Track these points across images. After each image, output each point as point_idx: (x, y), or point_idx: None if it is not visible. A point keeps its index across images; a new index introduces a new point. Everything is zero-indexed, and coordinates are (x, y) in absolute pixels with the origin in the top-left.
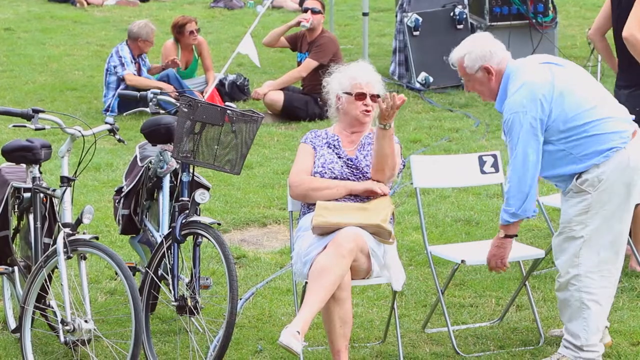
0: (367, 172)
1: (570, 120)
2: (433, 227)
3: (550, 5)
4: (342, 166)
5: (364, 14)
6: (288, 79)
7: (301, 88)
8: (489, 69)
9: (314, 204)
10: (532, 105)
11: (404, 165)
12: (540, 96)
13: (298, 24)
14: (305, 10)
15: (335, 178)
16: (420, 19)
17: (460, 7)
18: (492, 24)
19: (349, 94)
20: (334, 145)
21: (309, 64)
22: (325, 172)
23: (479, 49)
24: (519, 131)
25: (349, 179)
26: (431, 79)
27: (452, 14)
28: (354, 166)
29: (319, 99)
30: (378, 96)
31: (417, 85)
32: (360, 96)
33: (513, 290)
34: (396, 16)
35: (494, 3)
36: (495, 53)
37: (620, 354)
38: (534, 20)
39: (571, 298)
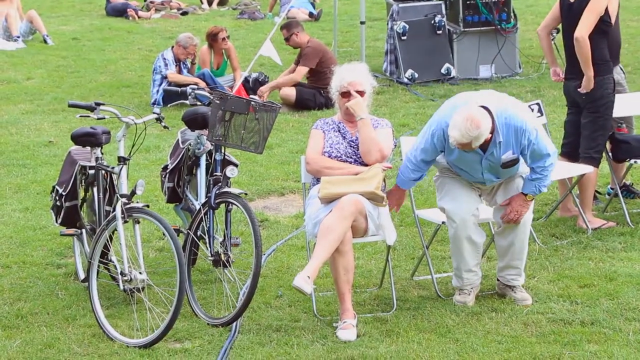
0: None
1: None
2: (419, 195)
3: (512, 14)
4: (346, 147)
5: (362, 23)
6: (283, 81)
7: (308, 83)
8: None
9: None
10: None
11: (395, 145)
12: None
13: None
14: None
15: (341, 156)
16: (407, 26)
17: (439, 16)
18: (465, 29)
19: (338, 92)
20: (340, 128)
21: (300, 70)
22: (332, 152)
23: (488, 117)
24: (540, 135)
25: (351, 157)
26: (416, 75)
27: (432, 22)
28: (355, 146)
29: (322, 91)
30: (364, 92)
31: (405, 80)
32: (345, 94)
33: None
34: (387, 24)
35: (467, 13)
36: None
37: (570, 295)
38: (499, 27)
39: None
